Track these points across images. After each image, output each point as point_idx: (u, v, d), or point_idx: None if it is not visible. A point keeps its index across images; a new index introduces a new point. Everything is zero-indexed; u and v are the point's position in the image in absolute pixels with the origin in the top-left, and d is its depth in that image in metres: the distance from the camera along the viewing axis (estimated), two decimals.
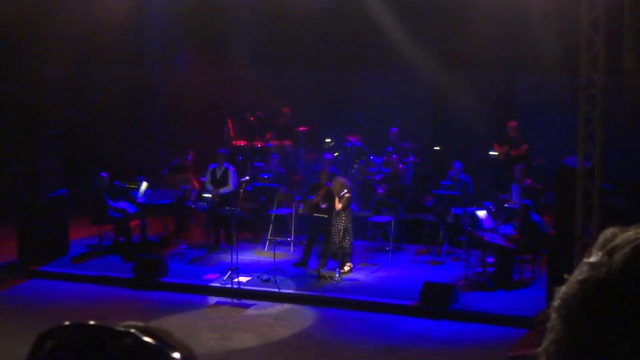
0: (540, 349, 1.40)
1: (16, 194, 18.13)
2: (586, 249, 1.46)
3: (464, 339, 14.16)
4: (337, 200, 16.76)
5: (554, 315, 1.40)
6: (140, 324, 1.34)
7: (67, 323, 1.32)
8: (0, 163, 20.03)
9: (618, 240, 1.40)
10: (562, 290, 1.42)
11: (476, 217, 17.09)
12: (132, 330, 1.31)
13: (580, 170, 13.67)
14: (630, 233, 1.41)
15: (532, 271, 16.53)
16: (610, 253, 1.38)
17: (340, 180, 17.07)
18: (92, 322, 1.32)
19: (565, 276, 1.44)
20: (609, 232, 1.44)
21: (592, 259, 1.40)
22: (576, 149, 13.93)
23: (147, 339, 1.31)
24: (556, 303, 1.41)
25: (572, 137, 14.70)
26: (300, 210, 17.97)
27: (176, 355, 1.33)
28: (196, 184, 19.84)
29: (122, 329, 1.31)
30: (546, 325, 1.42)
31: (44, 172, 17.94)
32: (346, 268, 16.95)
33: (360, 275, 16.98)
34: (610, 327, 1.31)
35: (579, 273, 1.40)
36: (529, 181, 18.52)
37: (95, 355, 1.27)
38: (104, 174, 18.46)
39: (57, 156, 18.40)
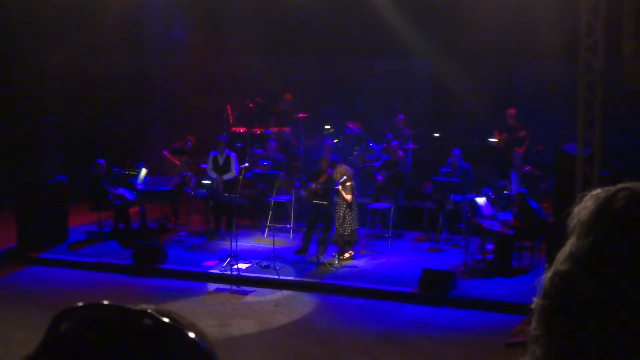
0: None
1: (15, 181, 18.12)
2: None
3: (463, 326, 14.17)
4: (340, 188, 16.74)
5: (535, 320, 1.37)
6: (152, 306, 1.33)
7: (82, 304, 1.31)
8: (0, 149, 20.00)
9: (603, 231, 1.36)
10: (544, 288, 1.38)
11: (475, 204, 17.09)
12: (150, 311, 1.30)
13: (580, 157, 13.67)
14: (615, 221, 1.36)
15: (531, 258, 16.55)
16: (593, 251, 1.34)
17: (341, 168, 17.03)
18: (107, 302, 1.31)
19: (547, 266, 1.41)
20: (590, 205, 1.40)
21: (574, 250, 1.36)
22: (575, 136, 13.92)
23: (165, 319, 1.30)
24: (540, 303, 1.37)
25: (571, 123, 14.69)
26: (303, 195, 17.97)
27: (192, 335, 1.32)
28: (193, 167, 19.88)
29: (139, 309, 1.30)
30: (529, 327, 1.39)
31: (44, 159, 17.94)
32: (346, 255, 16.95)
33: (360, 262, 16.99)
34: (600, 344, 1.29)
35: (559, 272, 1.36)
36: (528, 167, 18.52)
37: (112, 336, 1.26)
38: (101, 160, 18.46)
39: (56, 142, 18.40)
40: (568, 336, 1.32)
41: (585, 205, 1.40)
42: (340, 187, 16.72)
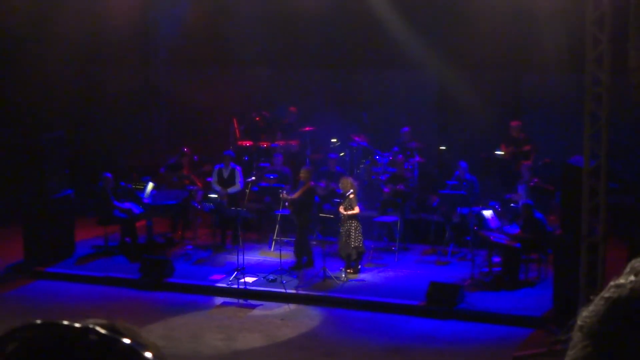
0: None
1: (22, 195, 18.14)
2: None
3: (471, 339, 14.14)
4: (346, 206, 16.73)
5: (577, 334, 1.37)
6: (103, 321, 1.31)
7: (27, 323, 1.29)
8: (6, 164, 20.03)
9: None
10: (587, 309, 1.39)
11: (482, 216, 17.07)
12: (92, 326, 1.28)
13: (586, 169, 13.64)
14: None
15: (538, 271, 16.51)
16: (636, 274, 1.37)
17: (347, 181, 16.99)
18: (53, 321, 1.29)
19: (591, 297, 1.42)
20: (638, 260, 1.43)
21: (619, 281, 1.38)
22: (582, 148, 13.90)
23: (111, 334, 1.28)
24: (580, 322, 1.38)
25: (578, 136, 14.67)
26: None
27: (148, 354, 1.29)
28: (196, 180, 19.86)
29: (83, 326, 1.28)
30: (563, 343, 1.40)
31: (50, 173, 17.95)
32: (353, 270, 16.88)
33: (367, 275, 16.97)
34: (634, 343, 1.29)
35: (605, 292, 1.38)
36: (536, 180, 18.48)
37: (59, 355, 1.24)
38: (107, 174, 18.46)
39: (62, 157, 18.41)
40: (609, 338, 1.33)
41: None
42: (346, 201, 16.71)
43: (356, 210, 16.73)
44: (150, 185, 19.27)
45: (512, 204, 17.90)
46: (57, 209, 18.00)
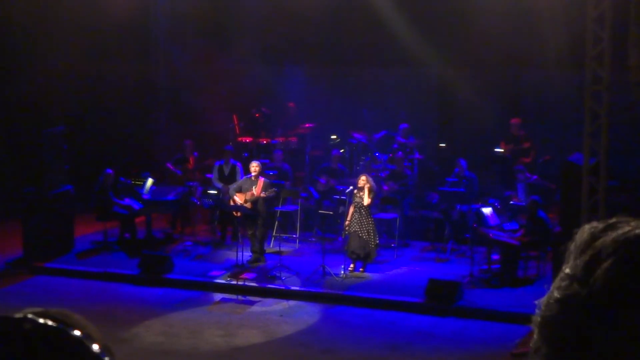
0: None
1: (21, 190, 18.13)
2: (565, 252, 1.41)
3: (469, 336, 14.14)
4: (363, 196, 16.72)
5: (536, 333, 1.36)
6: (44, 310, 1.30)
7: None
8: (6, 159, 20.03)
9: (598, 247, 1.33)
10: (543, 304, 1.37)
11: (482, 214, 17.07)
12: (30, 316, 1.27)
13: (586, 167, 13.65)
14: (609, 237, 1.34)
15: (537, 268, 16.52)
16: (589, 265, 1.32)
17: (362, 177, 16.97)
18: None
19: (545, 286, 1.40)
20: (586, 231, 1.39)
21: (570, 270, 1.34)
22: (582, 146, 13.90)
23: (49, 322, 1.26)
24: (538, 319, 1.37)
25: (577, 133, 14.68)
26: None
27: (95, 347, 1.27)
28: (198, 175, 19.89)
29: (18, 315, 1.28)
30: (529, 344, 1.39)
31: (49, 169, 17.95)
32: (361, 269, 16.90)
33: (366, 272, 16.96)
34: (596, 353, 1.27)
35: (558, 287, 1.35)
36: (535, 177, 18.49)
37: None
38: (109, 171, 18.45)
39: (62, 152, 18.41)
40: (566, 346, 1.31)
41: (582, 232, 1.39)
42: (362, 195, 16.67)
43: (366, 200, 16.64)
44: (149, 181, 19.26)
45: (511, 202, 17.91)
46: (57, 205, 17.99)
